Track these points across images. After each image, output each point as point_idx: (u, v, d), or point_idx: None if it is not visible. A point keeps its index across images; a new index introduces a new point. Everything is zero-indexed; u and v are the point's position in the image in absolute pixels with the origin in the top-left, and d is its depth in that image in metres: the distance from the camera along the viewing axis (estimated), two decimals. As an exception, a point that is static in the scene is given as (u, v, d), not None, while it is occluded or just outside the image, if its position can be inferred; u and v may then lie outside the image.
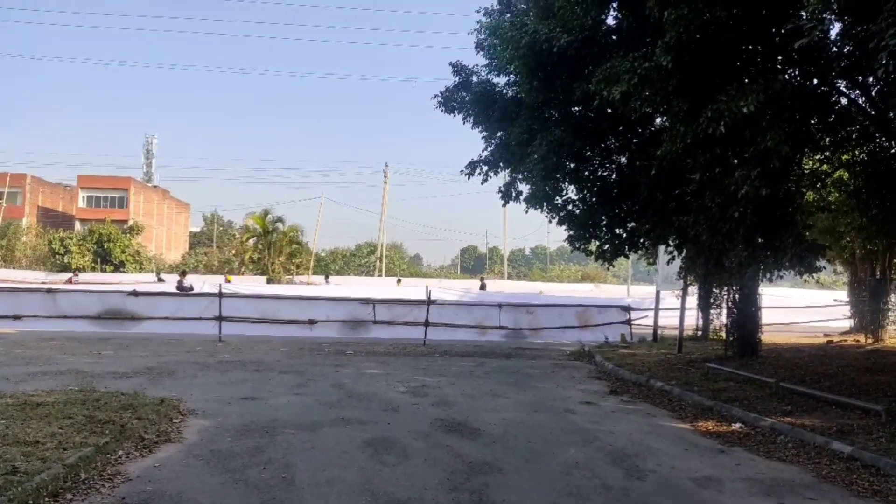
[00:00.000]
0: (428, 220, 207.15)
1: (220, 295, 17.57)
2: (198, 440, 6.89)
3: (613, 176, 13.40)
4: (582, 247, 14.31)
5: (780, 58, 9.52)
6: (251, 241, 43.84)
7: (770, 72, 8.95)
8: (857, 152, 11.17)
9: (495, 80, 13.81)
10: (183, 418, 7.76)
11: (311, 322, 18.23)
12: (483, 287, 31.28)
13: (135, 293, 18.36)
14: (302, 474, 5.87)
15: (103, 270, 44.29)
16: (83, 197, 64.87)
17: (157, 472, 5.76)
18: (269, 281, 36.34)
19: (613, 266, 16.63)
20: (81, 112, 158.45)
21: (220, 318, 17.12)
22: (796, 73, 9.35)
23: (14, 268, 43.15)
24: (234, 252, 48.45)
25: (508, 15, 12.67)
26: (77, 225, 59.77)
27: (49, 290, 18.55)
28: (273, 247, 41.87)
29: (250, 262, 43.43)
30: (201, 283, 24.85)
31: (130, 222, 57.03)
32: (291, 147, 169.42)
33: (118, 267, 46.46)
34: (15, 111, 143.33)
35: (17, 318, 16.76)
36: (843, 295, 24.74)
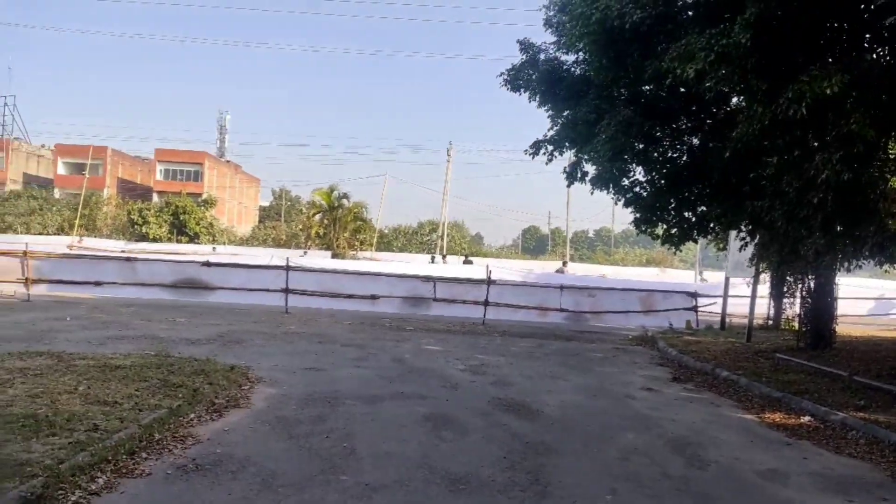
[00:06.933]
0: (490, 199, 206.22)
1: (287, 268, 18.07)
2: (265, 407, 7.16)
3: (684, 158, 13.02)
4: (648, 230, 14.03)
5: (867, 36, 8.99)
6: (317, 217, 44.75)
7: (856, 51, 8.46)
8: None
9: (563, 57, 13.55)
10: (251, 385, 8.06)
11: (374, 297, 18.56)
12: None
13: (207, 264, 19.10)
14: (362, 445, 6.02)
15: (178, 241, 46.16)
16: (160, 170, 67.44)
17: (226, 436, 6.02)
18: (335, 256, 37.08)
19: (681, 251, 16.19)
20: (158, 87, 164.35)
21: (286, 291, 17.63)
22: (885, 52, 8.81)
23: (96, 236, 45.50)
24: (300, 227, 49.55)
25: (579, -9, 12.35)
26: (154, 197, 62.31)
27: (128, 259, 19.51)
28: (338, 222, 42.63)
29: (316, 236, 44.41)
30: (269, 256, 25.56)
31: (204, 195, 58.99)
32: (359, 125, 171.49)
33: (193, 238, 48.33)
34: (99, 87, 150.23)
35: (97, 284, 17.67)
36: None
